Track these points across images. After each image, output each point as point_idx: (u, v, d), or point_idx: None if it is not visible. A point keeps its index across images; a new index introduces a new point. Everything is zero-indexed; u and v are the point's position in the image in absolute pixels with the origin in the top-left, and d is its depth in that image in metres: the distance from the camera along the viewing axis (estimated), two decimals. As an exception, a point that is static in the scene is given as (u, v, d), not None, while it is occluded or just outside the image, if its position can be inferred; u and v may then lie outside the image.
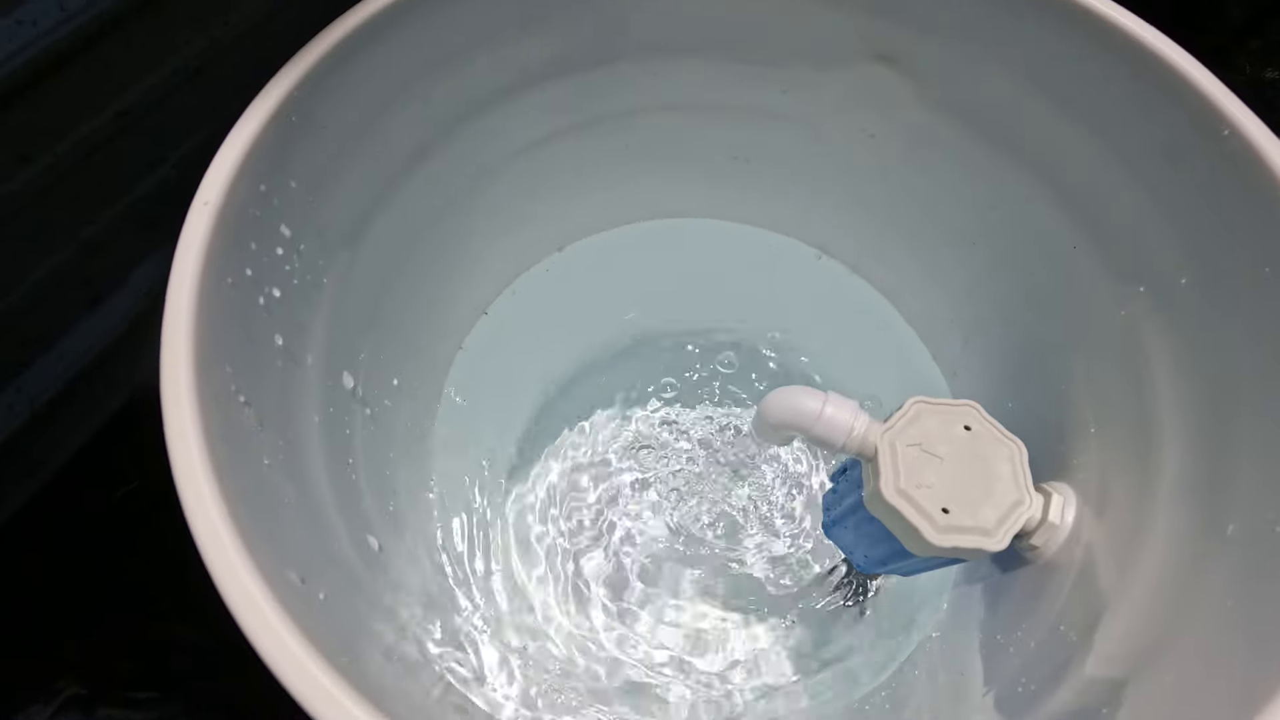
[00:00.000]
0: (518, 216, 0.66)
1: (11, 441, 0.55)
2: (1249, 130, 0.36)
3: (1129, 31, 0.40)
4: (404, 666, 0.36)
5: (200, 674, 0.65)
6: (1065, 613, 0.42)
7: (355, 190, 0.47)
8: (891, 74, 0.54)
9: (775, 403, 0.50)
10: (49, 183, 0.52)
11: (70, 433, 0.65)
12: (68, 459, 0.65)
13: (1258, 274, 0.36)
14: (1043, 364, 0.53)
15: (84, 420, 0.66)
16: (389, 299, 0.54)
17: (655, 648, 0.59)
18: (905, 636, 0.58)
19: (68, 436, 0.65)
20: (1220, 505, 0.35)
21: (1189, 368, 0.40)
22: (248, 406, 0.33)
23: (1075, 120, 0.46)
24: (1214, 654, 0.32)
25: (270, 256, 0.39)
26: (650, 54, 0.57)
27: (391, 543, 0.45)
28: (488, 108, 0.54)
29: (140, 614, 0.69)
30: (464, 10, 0.46)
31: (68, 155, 0.54)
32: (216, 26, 0.60)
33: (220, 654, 0.64)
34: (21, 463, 0.60)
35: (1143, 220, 0.43)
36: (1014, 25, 0.45)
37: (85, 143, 0.55)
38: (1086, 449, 0.47)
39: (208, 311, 0.32)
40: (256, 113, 0.38)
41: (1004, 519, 0.43)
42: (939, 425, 0.46)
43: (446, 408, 0.64)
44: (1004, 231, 0.55)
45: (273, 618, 0.24)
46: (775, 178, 0.69)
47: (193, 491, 0.26)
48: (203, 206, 0.34)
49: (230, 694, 0.62)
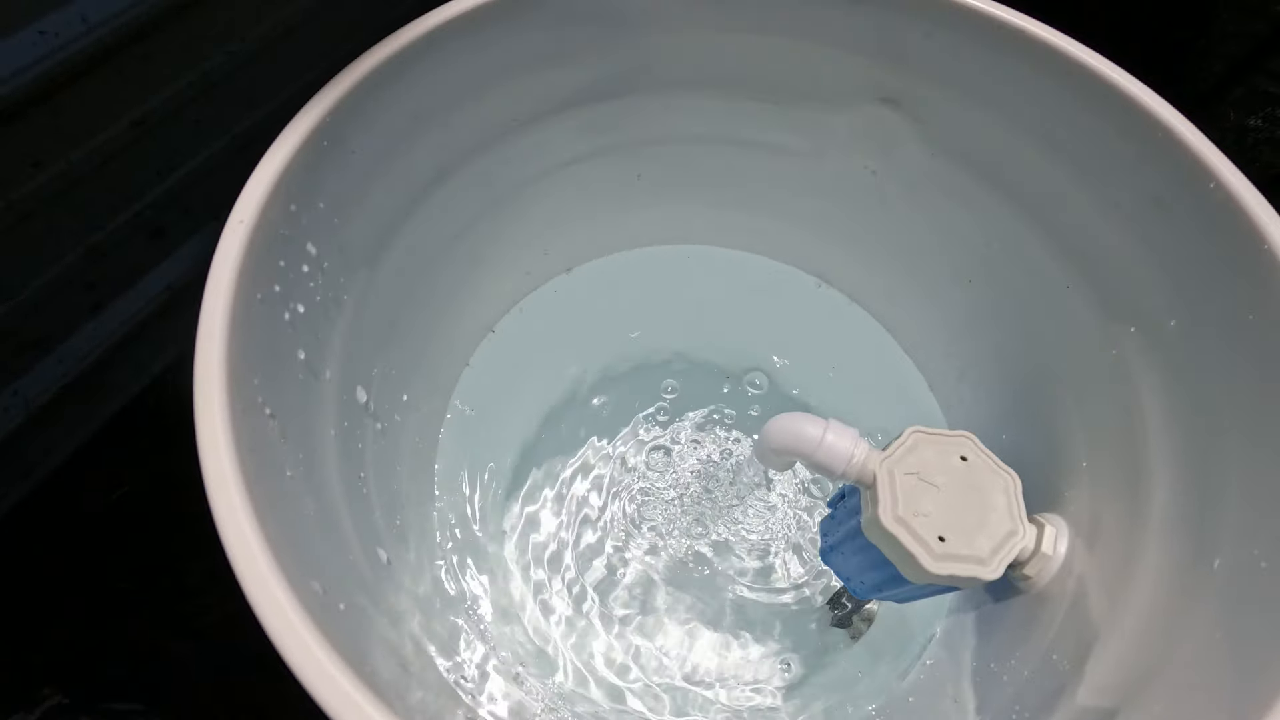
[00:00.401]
0: (529, 239, 0.68)
1: (6, 443, 0.55)
2: (1232, 183, 0.38)
3: (1118, 85, 0.43)
4: (413, 678, 0.36)
5: (185, 685, 0.65)
6: (1057, 642, 0.43)
7: (377, 211, 0.48)
8: (895, 116, 0.56)
9: (778, 428, 0.52)
10: (59, 190, 0.53)
11: (65, 436, 0.65)
12: (62, 462, 0.65)
13: (1242, 319, 0.37)
14: (1037, 398, 0.55)
15: (78, 426, 0.66)
16: (402, 316, 0.55)
17: (651, 669, 0.59)
18: (900, 663, 0.59)
19: (61, 441, 0.65)
20: (1208, 539, 0.37)
21: (1177, 406, 0.42)
22: (273, 419, 0.34)
23: (1069, 168, 0.48)
24: (1202, 684, 0.33)
25: (296, 273, 0.40)
26: (667, 89, 0.59)
27: (398, 556, 0.46)
28: (507, 136, 0.56)
29: (127, 622, 0.68)
30: (490, 43, 0.49)
31: (80, 163, 0.55)
32: (234, 43, 0.62)
33: (206, 666, 0.63)
34: (15, 465, 0.60)
35: (1134, 264, 0.45)
36: (1011, 78, 0.48)
37: (99, 152, 0.56)
38: (1078, 482, 0.49)
39: (239, 325, 0.33)
40: (291, 135, 0.39)
41: (998, 549, 0.44)
42: (936, 455, 0.47)
43: (452, 423, 0.65)
44: (1000, 269, 0.57)
45: (300, 627, 0.25)
46: (779, 208, 0.71)
47: (224, 501, 0.27)
48: (238, 225, 0.35)
49: (214, 706, 0.62)
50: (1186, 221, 0.41)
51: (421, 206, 0.53)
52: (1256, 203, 0.37)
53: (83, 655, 0.68)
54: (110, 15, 0.53)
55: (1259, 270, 0.36)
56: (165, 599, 0.69)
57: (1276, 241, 0.36)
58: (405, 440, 0.56)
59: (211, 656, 0.63)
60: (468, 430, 0.66)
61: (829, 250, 0.73)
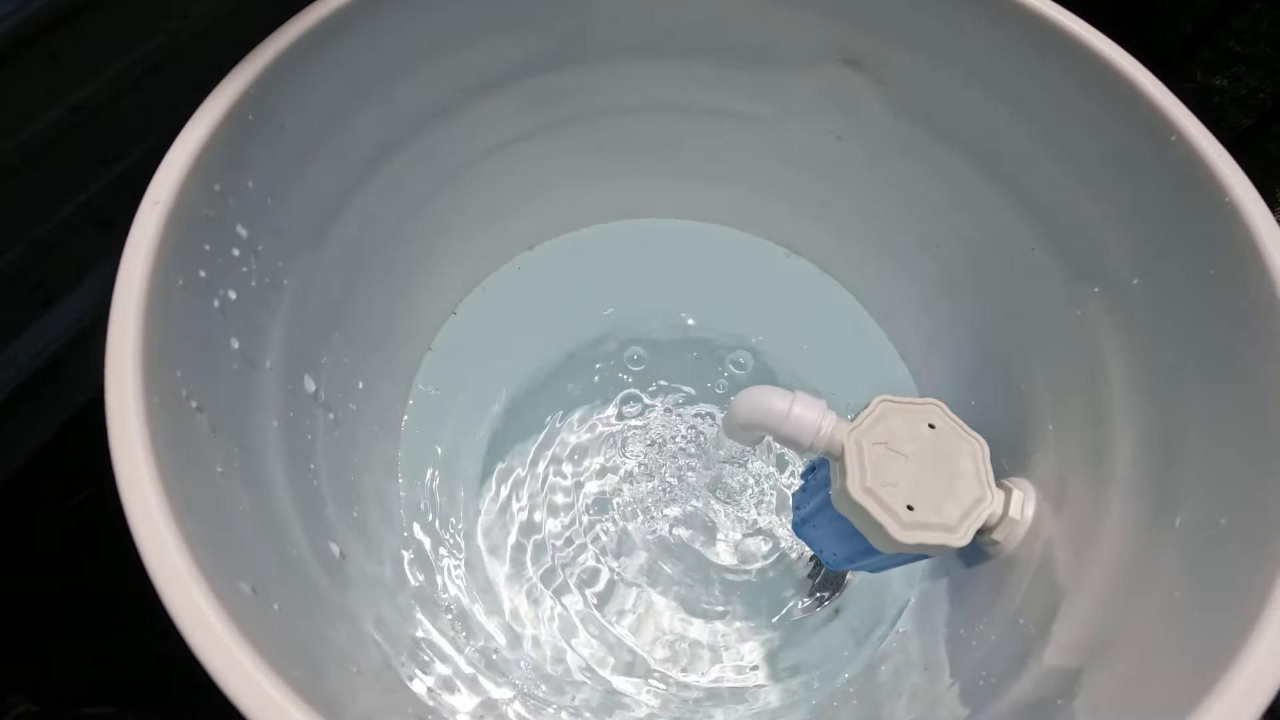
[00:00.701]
0: (487, 217, 0.65)
1: (-40, 446, 0.53)
2: (1194, 136, 0.37)
3: (1082, 39, 0.41)
4: (364, 677, 0.35)
5: (159, 687, 0.63)
6: (1024, 606, 0.43)
7: (317, 191, 0.46)
8: (857, 77, 0.55)
9: (744, 403, 0.51)
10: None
11: (22, 438, 0.63)
12: (21, 464, 0.63)
13: (1203, 275, 0.37)
14: (1004, 363, 0.54)
15: (36, 425, 0.63)
16: (353, 301, 0.53)
17: (624, 649, 0.59)
18: (875, 633, 0.59)
19: (20, 442, 0.63)
20: (1170, 498, 0.36)
21: (1139, 366, 0.41)
22: (200, 412, 0.32)
23: (1031, 125, 0.47)
24: (1165, 643, 0.33)
25: (225, 258, 0.38)
26: (618, 56, 0.57)
27: (355, 549, 0.45)
28: (454, 109, 0.53)
29: (96, 626, 0.66)
30: (425, 10, 0.46)
31: (15, 152, 0.52)
32: (175, 20, 0.59)
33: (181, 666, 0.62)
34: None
35: (1096, 223, 0.44)
36: (972, 34, 0.46)
37: (35, 139, 0.52)
38: (1045, 446, 0.48)
39: (157, 314, 0.31)
40: (210, 111, 0.37)
41: (966, 515, 0.43)
42: (904, 424, 0.46)
43: (415, 409, 0.63)
44: (965, 233, 0.56)
45: (220, 629, 0.23)
46: (745, 178, 0.69)
47: (137, 500, 0.25)
48: (152, 206, 0.33)
49: (191, 708, 0.61)
50: (1148, 177, 0.40)
51: (366, 185, 0.51)
52: (1217, 155, 0.36)
53: (53, 660, 0.66)
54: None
55: (1220, 223, 0.35)
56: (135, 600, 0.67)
57: (1238, 193, 0.35)
58: (363, 429, 0.54)
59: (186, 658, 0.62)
60: (432, 415, 0.64)
61: (797, 220, 0.72)
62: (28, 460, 0.64)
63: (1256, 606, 0.27)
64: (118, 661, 0.66)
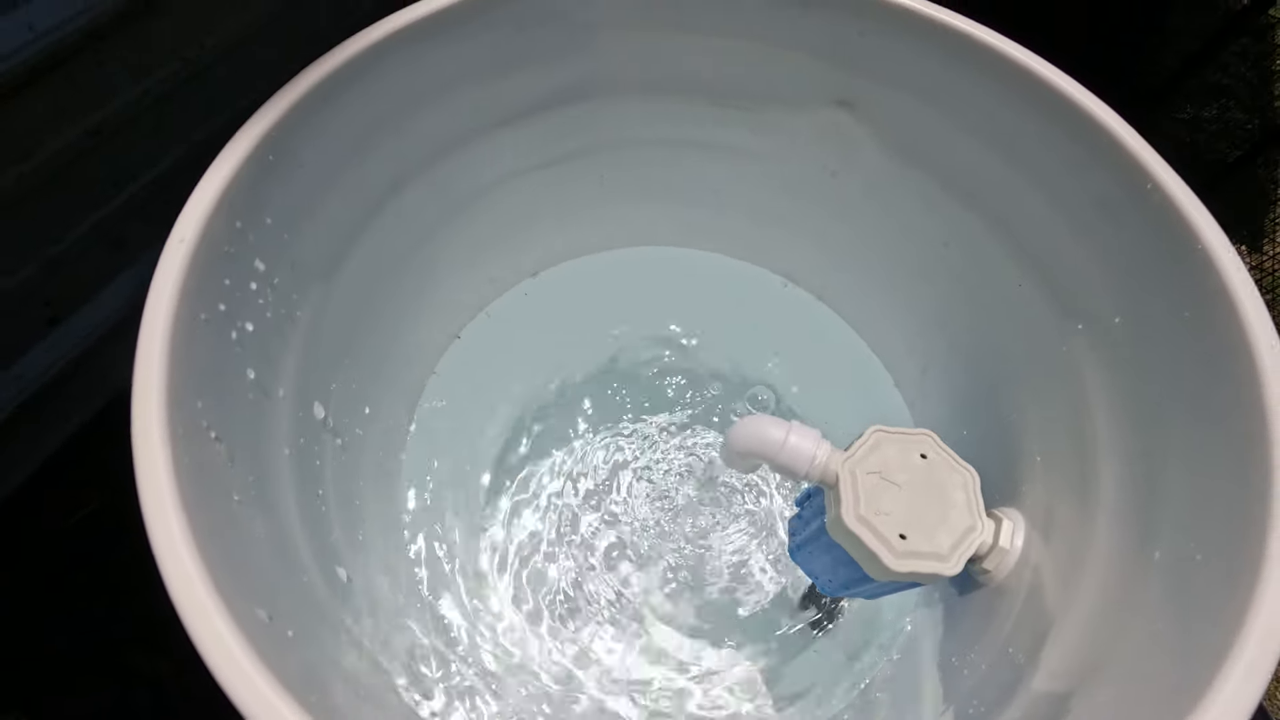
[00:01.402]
0: (492, 245, 0.67)
1: (-37, 462, 0.53)
2: (1168, 184, 0.39)
3: (1063, 92, 0.44)
4: (371, 701, 0.36)
5: (156, 703, 0.64)
6: (1014, 635, 0.44)
7: (331, 224, 0.48)
8: (849, 118, 0.57)
9: (741, 432, 0.52)
10: (13, 200, 0.52)
11: (24, 456, 0.64)
12: (22, 481, 0.64)
13: (1180, 316, 0.38)
14: (994, 395, 0.56)
15: (38, 443, 0.64)
16: (363, 327, 0.54)
17: (624, 673, 0.59)
18: (869, 659, 0.59)
19: (21, 459, 0.64)
20: (1150, 531, 0.38)
21: (1121, 401, 0.43)
22: (218, 442, 0.34)
23: (1018, 169, 0.49)
24: (1146, 673, 0.34)
25: (244, 291, 0.40)
26: (622, 94, 0.59)
27: (360, 573, 0.46)
28: (463, 144, 0.55)
29: (94, 643, 0.67)
30: (440, 51, 0.48)
31: (33, 174, 0.53)
32: (191, 49, 0.61)
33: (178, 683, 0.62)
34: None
35: (1081, 262, 0.46)
36: (960, 82, 0.48)
37: (53, 161, 0.54)
38: (1034, 476, 0.50)
39: (180, 348, 0.32)
40: (234, 151, 0.38)
41: (958, 544, 0.44)
42: (897, 453, 0.47)
43: (419, 433, 0.65)
44: (957, 267, 0.58)
45: (242, 659, 0.24)
46: (744, 210, 0.71)
47: (163, 531, 0.27)
48: (179, 244, 0.35)
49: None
50: (1129, 220, 0.42)
51: (378, 217, 0.52)
52: (1191, 203, 0.38)
53: (47, 679, 0.66)
54: (58, 23, 0.51)
55: (1194, 269, 0.37)
56: (134, 618, 0.68)
57: (1210, 241, 0.37)
58: (368, 454, 0.55)
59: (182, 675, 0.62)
60: (436, 439, 0.65)
61: (795, 250, 0.74)
62: (29, 477, 0.65)
63: (1231, 633, 0.29)
64: (115, 678, 0.66)
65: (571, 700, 0.56)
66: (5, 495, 0.64)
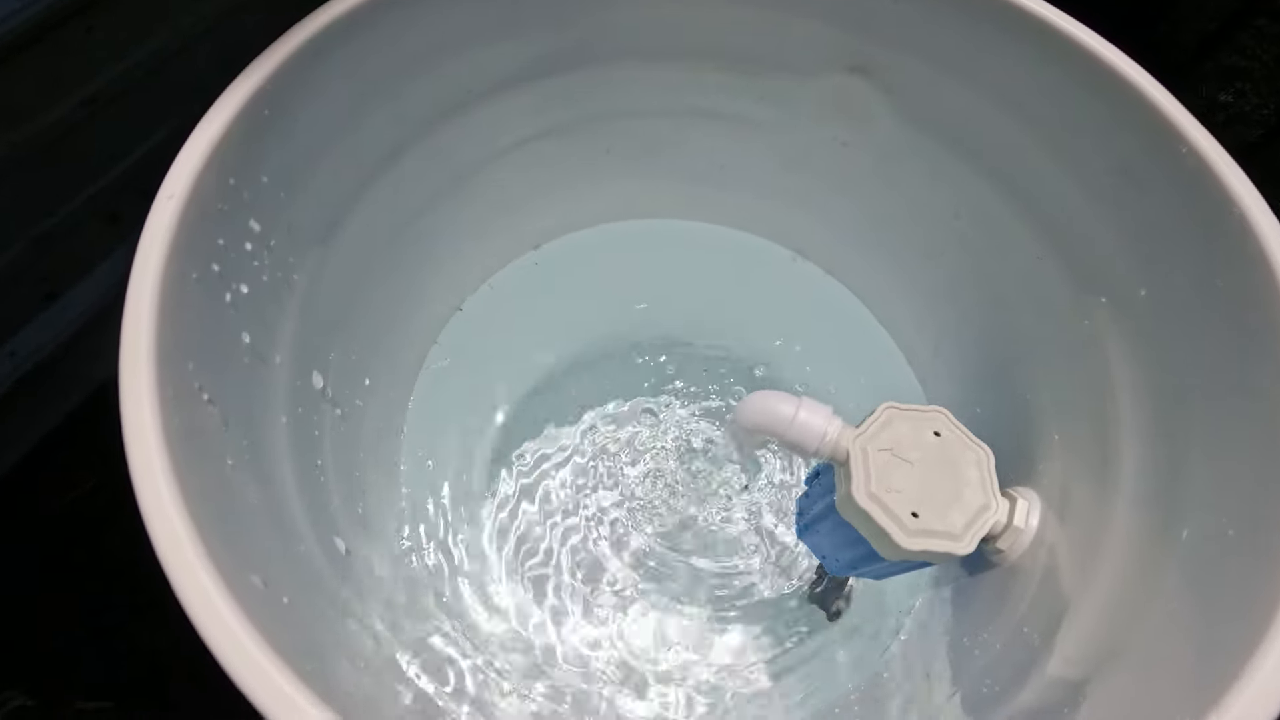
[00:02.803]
0: (495, 215, 0.66)
1: (-40, 440, 0.53)
2: (1203, 147, 0.37)
3: (1089, 47, 0.42)
4: (370, 672, 0.35)
5: (157, 682, 0.63)
6: (1029, 615, 0.43)
7: (330, 187, 0.46)
8: (864, 85, 0.55)
9: (750, 407, 0.51)
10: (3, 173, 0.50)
11: (21, 433, 0.63)
12: (19, 459, 0.63)
13: (1211, 286, 0.37)
14: (1009, 371, 0.55)
15: (35, 420, 0.63)
16: (362, 297, 0.53)
17: (627, 652, 0.58)
18: (878, 640, 0.59)
19: (18, 437, 0.63)
20: (1176, 509, 0.36)
21: (1147, 377, 0.41)
22: (212, 405, 0.32)
23: (1038, 134, 0.47)
24: (1169, 656, 0.33)
25: (238, 252, 0.38)
26: (627, 60, 0.57)
27: (359, 545, 0.45)
28: (465, 108, 0.54)
29: (94, 621, 0.66)
30: (440, 10, 0.46)
31: (24, 145, 0.52)
32: (184, 15, 0.59)
33: (180, 659, 0.62)
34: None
35: (1103, 233, 0.45)
36: (979, 42, 0.47)
37: (46, 133, 0.53)
38: (1050, 455, 0.49)
39: (170, 307, 0.31)
40: (226, 105, 0.37)
41: (971, 523, 0.43)
42: (910, 430, 0.46)
43: (419, 406, 0.64)
44: (971, 240, 0.57)
45: (232, 621, 0.23)
46: (752, 182, 0.69)
47: (151, 491, 0.26)
48: (167, 200, 0.33)
49: (190, 701, 0.61)
50: (1156, 187, 0.40)
51: (377, 182, 0.51)
52: (1227, 166, 0.36)
53: (47, 656, 0.66)
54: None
55: (1229, 234, 0.35)
56: (135, 595, 0.67)
57: (1248, 205, 0.35)
58: (368, 425, 0.54)
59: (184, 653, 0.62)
60: (436, 413, 0.64)
61: (804, 223, 0.72)
62: (26, 455, 0.64)
63: (1263, 621, 0.27)
64: (115, 657, 0.66)
65: (568, 677, 0.56)
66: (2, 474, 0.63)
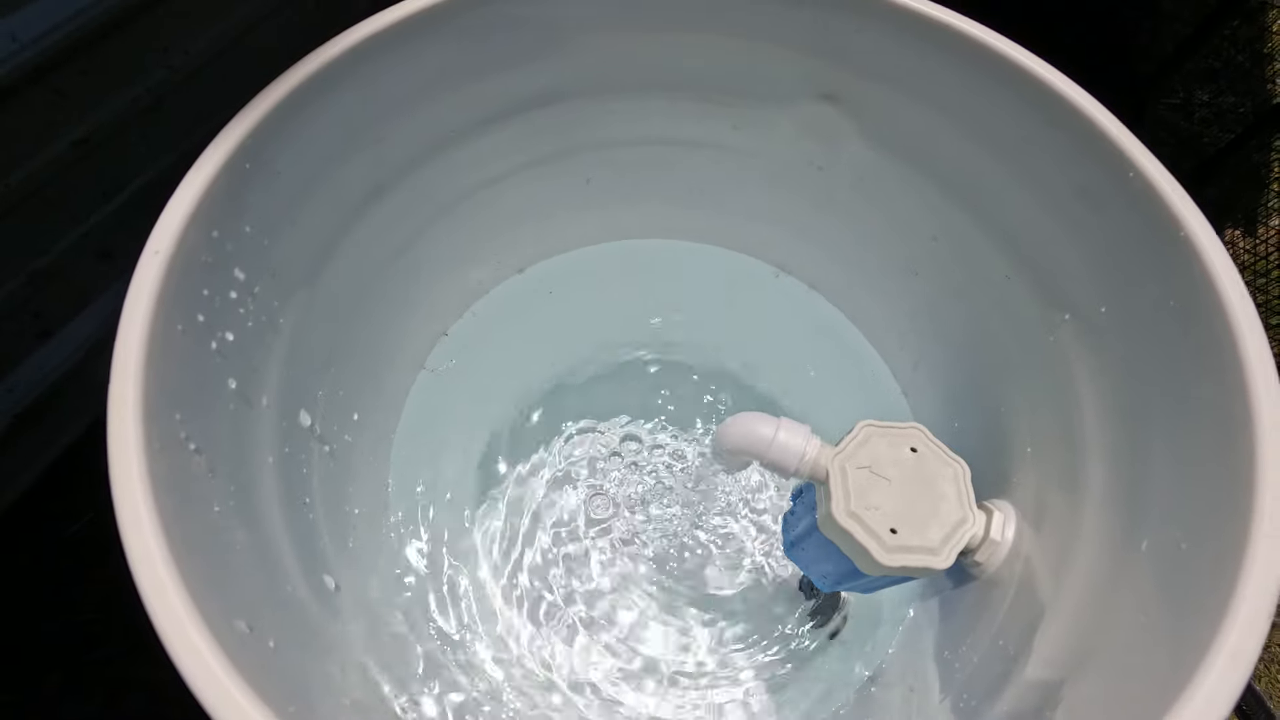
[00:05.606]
0: (478, 244, 0.67)
1: (-42, 476, 0.54)
2: (1150, 172, 0.39)
3: (1044, 80, 0.43)
4: (357, 709, 0.36)
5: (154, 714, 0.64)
6: (1005, 627, 0.44)
7: (312, 231, 0.47)
8: (834, 112, 0.57)
9: (730, 430, 0.52)
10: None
11: (20, 468, 0.64)
12: (18, 494, 0.64)
13: (1165, 305, 0.38)
14: (984, 387, 0.56)
15: (34, 456, 0.64)
16: (348, 333, 0.54)
17: (621, 668, 0.59)
18: (866, 654, 0.59)
19: (17, 472, 0.64)
20: (1137, 521, 0.37)
21: (1109, 390, 0.42)
22: (198, 454, 0.33)
23: (1002, 158, 0.48)
24: (1135, 660, 0.34)
25: (224, 300, 0.39)
26: (606, 93, 0.59)
27: (349, 580, 0.45)
28: (445, 147, 0.55)
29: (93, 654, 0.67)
30: (417, 56, 0.48)
31: (19, 186, 0.53)
32: (176, 57, 0.60)
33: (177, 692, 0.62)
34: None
35: (1066, 252, 0.46)
36: (943, 73, 0.48)
37: (40, 172, 0.54)
38: (1024, 467, 0.50)
39: (156, 360, 0.32)
40: (208, 161, 0.38)
41: (949, 537, 0.44)
42: (887, 448, 0.47)
43: (405, 436, 0.64)
44: (945, 260, 0.58)
45: (217, 669, 0.24)
46: (731, 203, 0.71)
47: (138, 544, 0.27)
48: (153, 256, 0.34)
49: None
50: (1112, 210, 0.42)
51: (360, 222, 0.52)
52: (1173, 190, 0.38)
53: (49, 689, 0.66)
54: (42, 33, 0.51)
55: (1177, 257, 0.37)
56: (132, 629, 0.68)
57: (1193, 228, 0.36)
58: (357, 459, 0.55)
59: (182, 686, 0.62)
60: (424, 442, 0.65)
61: (784, 242, 0.73)
62: (25, 490, 0.65)
63: (1214, 625, 0.28)
64: (113, 688, 0.66)
65: (566, 703, 0.56)
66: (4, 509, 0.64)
